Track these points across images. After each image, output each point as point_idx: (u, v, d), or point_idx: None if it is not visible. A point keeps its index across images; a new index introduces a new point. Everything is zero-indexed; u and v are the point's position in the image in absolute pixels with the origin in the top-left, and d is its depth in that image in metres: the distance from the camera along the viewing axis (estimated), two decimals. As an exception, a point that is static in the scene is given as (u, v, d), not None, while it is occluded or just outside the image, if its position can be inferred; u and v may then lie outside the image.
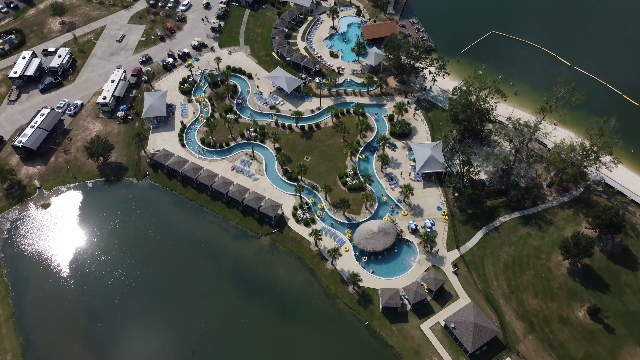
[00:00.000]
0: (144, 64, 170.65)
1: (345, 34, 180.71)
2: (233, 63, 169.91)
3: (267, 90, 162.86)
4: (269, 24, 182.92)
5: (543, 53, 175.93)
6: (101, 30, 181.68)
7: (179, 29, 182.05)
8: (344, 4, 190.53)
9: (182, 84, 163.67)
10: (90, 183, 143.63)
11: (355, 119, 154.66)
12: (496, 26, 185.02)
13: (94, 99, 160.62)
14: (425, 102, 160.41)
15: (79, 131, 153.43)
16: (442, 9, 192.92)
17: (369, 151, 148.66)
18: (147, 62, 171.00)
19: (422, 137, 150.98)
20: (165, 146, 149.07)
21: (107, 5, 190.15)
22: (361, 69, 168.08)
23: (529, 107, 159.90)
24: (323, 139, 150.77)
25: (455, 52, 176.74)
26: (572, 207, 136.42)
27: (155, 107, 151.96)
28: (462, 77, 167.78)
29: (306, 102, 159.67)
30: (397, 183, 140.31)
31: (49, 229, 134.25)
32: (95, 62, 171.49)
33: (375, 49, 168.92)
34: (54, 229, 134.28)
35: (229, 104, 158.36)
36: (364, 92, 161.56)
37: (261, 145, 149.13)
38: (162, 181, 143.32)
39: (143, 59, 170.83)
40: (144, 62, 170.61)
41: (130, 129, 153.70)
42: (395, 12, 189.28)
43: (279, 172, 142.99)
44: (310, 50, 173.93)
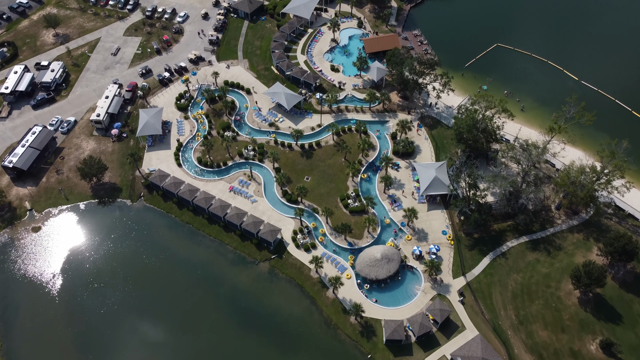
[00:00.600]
0: (144, 76, 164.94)
1: (347, 46, 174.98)
2: (231, 77, 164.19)
3: (266, 106, 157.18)
4: (268, 37, 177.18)
5: (549, 67, 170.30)
6: (96, 43, 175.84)
7: (175, 41, 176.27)
8: (345, 15, 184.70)
9: (179, 99, 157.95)
10: (82, 205, 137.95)
11: (356, 136, 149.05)
12: (501, 38, 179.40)
13: (87, 116, 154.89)
14: (429, 119, 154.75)
15: (72, 150, 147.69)
16: (446, 21, 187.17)
17: (371, 170, 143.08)
18: (147, 75, 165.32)
19: (426, 156, 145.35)
20: (160, 165, 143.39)
21: (102, 17, 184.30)
22: (363, 84, 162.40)
23: (535, 123, 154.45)
24: (324, 158, 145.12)
25: (459, 65, 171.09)
26: (582, 230, 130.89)
27: (151, 124, 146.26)
28: (467, 92, 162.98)
29: (306, 118, 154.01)
30: (400, 205, 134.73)
31: (40, 255, 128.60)
32: (89, 77, 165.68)
33: (378, 63, 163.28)
34: (45, 255, 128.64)
35: (226, 121, 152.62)
36: (366, 109, 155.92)
37: (260, 164, 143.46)
38: (158, 203, 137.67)
39: (143, 71, 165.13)
40: (143, 74, 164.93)
41: (124, 148, 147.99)
42: (397, 23, 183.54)
43: (278, 194, 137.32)
44: (310, 64, 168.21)
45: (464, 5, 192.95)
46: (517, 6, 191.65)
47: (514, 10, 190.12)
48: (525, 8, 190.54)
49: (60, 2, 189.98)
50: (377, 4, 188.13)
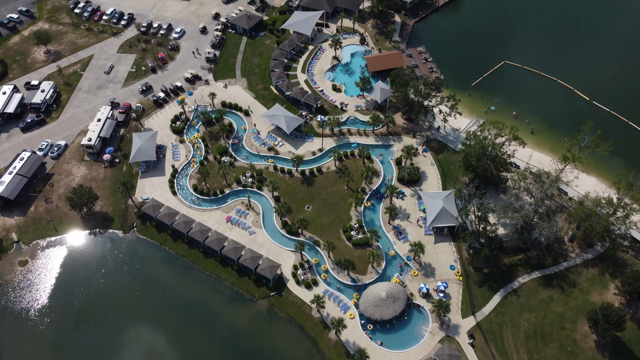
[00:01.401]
0: (144, 93, 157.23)
1: (349, 64, 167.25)
2: (229, 98, 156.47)
3: (265, 129, 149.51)
4: (267, 54, 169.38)
5: (559, 86, 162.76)
6: (89, 60, 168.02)
7: (171, 58, 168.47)
8: (346, 31, 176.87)
9: (174, 122, 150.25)
10: (72, 236, 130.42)
11: (359, 162, 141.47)
12: (509, 56, 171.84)
13: (78, 139, 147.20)
14: (435, 142, 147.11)
15: (62, 176, 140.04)
16: (451, 37, 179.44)
17: (375, 198, 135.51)
18: (147, 91, 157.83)
19: (432, 183, 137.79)
20: (154, 193, 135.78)
21: (96, 32, 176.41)
22: (366, 104, 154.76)
23: (546, 147, 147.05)
24: (325, 185, 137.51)
25: (465, 84, 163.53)
26: (597, 265, 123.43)
27: (144, 150, 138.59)
28: (474, 112, 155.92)
29: (307, 142, 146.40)
30: (406, 238, 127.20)
31: (26, 291, 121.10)
32: (81, 97, 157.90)
33: (381, 83, 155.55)
34: (31, 291, 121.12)
35: (224, 145, 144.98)
36: (369, 132, 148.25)
37: (258, 192, 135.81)
38: (151, 234, 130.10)
39: (143, 87, 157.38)
40: (144, 90, 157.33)
41: (117, 174, 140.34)
42: (401, 40, 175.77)
43: (278, 225, 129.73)
44: (311, 83, 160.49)
45: (469, 20, 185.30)
46: (525, 22, 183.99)
47: (522, 26, 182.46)
48: (534, 24, 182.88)
49: (52, 17, 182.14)
50: (380, 19, 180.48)
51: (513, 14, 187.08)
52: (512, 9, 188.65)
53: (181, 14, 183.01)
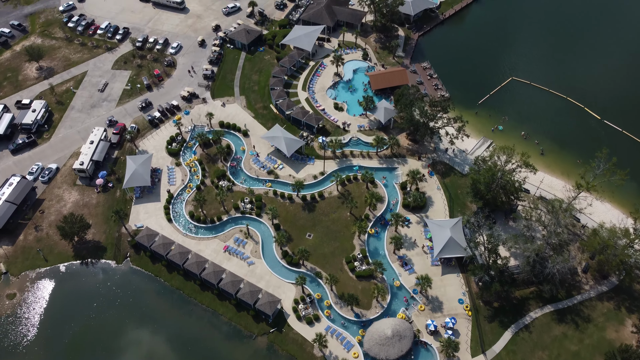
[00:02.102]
0: (144, 109, 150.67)
1: (351, 81, 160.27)
2: (227, 117, 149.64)
3: (264, 150, 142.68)
4: (266, 70, 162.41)
5: (569, 104, 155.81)
6: (82, 77, 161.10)
7: (167, 75, 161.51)
8: (349, 46, 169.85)
9: (170, 143, 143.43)
10: (63, 267, 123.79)
11: (362, 186, 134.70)
12: (516, 71, 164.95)
13: (71, 162, 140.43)
14: (441, 164, 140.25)
15: (53, 202, 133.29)
16: (456, 51, 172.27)
17: (379, 224, 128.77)
18: (147, 108, 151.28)
19: (438, 210, 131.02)
20: (149, 220, 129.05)
21: (90, 47, 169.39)
22: (369, 124, 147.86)
23: (557, 169, 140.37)
24: (327, 211, 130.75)
25: (472, 102, 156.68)
26: (613, 298, 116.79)
27: (139, 175, 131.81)
28: (481, 132, 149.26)
29: (308, 165, 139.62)
30: (412, 269, 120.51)
31: (13, 327, 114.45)
32: (74, 116, 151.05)
33: (385, 102, 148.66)
34: (20, 327, 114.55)
35: (221, 168, 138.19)
36: (373, 153, 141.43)
37: (257, 219, 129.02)
38: (145, 265, 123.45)
39: (142, 104, 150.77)
40: (143, 107, 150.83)
41: (110, 199, 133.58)
42: (405, 54, 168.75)
43: (278, 255, 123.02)
44: (312, 101, 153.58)
45: (475, 33, 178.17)
46: (532, 35, 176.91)
47: (529, 40, 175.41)
48: (541, 38, 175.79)
49: (45, 31, 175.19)
50: (383, 32, 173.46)
51: (519, 26, 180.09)
52: (518, 22, 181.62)
53: (178, 28, 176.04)
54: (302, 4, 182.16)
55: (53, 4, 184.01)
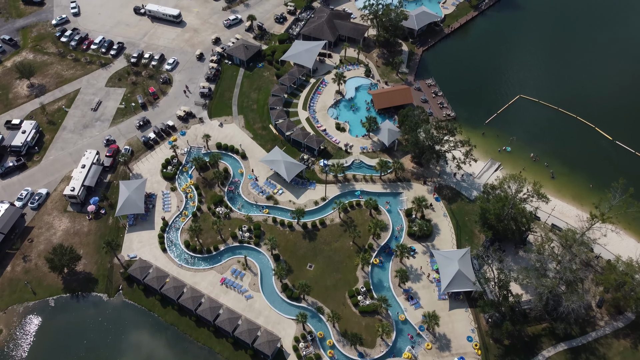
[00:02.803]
0: (141, 128, 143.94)
1: (353, 100, 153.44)
2: (224, 138, 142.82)
3: (263, 174, 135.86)
4: (266, 88, 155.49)
5: (579, 123, 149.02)
6: (75, 95, 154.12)
7: (163, 93, 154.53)
8: (350, 61, 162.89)
9: (165, 166, 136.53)
10: (52, 300, 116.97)
11: (366, 213, 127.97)
12: (523, 89, 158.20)
13: (62, 186, 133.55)
14: (447, 189, 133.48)
15: (42, 230, 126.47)
16: (461, 68, 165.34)
17: (383, 253, 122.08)
18: (145, 127, 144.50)
19: (445, 238, 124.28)
20: (143, 250, 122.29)
21: (83, 63, 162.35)
22: (372, 146, 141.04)
23: (568, 194, 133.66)
24: (329, 240, 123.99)
25: (478, 121, 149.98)
26: (629, 335, 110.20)
27: (132, 202, 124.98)
28: (489, 154, 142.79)
29: (309, 190, 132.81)
30: (418, 304, 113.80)
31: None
32: (65, 137, 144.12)
33: (389, 123, 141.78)
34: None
35: (218, 194, 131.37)
36: (376, 177, 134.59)
37: (256, 249, 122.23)
38: (138, 298, 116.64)
39: (140, 122, 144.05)
40: (141, 125, 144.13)
41: (103, 227, 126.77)
42: (409, 71, 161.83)
43: (278, 288, 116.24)
44: (312, 121, 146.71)
45: (480, 48, 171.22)
46: (540, 52, 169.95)
47: (537, 56, 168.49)
48: (550, 54, 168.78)
49: (38, 45, 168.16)
50: (386, 47, 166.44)
51: (526, 41, 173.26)
52: (525, 36, 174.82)
53: (174, 42, 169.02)
54: (302, 18, 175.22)
55: (46, 17, 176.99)
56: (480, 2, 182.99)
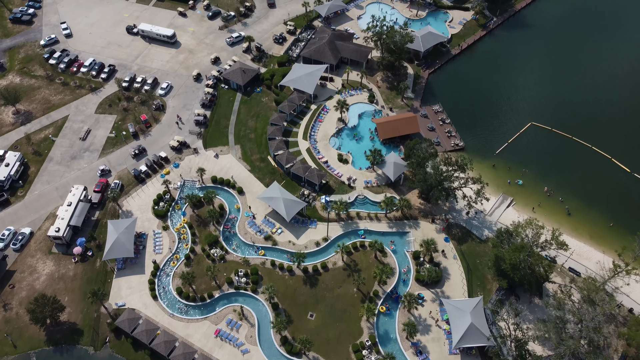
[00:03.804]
0: (137, 157, 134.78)
1: (356, 128, 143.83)
2: (220, 170, 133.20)
3: (261, 211, 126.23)
4: (264, 115, 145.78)
5: (594, 154, 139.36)
6: (63, 123, 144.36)
7: (156, 120, 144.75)
8: (353, 86, 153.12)
9: (157, 202, 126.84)
10: (34, 354, 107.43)
11: (370, 255, 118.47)
12: (535, 116, 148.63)
13: (46, 224, 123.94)
14: (457, 228, 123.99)
15: (25, 274, 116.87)
16: (469, 92, 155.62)
17: (390, 299, 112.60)
18: (140, 155, 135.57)
19: (456, 284, 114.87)
20: (132, 297, 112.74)
21: (72, 88, 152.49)
22: (377, 180, 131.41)
23: (585, 232, 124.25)
24: (331, 286, 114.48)
25: (488, 150, 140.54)
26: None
27: (121, 244, 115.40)
28: (500, 187, 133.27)
29: (310, 229, 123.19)
30: (427, 359, 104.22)
31: None
32: (52, 169, 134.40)
33: (394, 156, 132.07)
34: None
35: (213, 233, 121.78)
36: (381, 215, 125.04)
37: (253, 296, 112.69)
38: (127, 352, 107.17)
39: (135, 151, 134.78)
40: (136, 154, 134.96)
41: (89, 270, 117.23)
42: (414, 96, 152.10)
43: (276, 341, 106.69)
44: (314, 152, 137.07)
45: (489, 70, 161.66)
46: (552, 75, 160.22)
47: (549, 80, 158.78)
48: (562, 78, 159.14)
49: (25, 68, 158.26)
50: (390, 70, 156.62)
51: (536, 63, 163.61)
52: (535, 58, 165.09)
53: (168, 65, 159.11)
54: (302, 38, 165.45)
55: (34, 37, 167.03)
56: (488, 21, 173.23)
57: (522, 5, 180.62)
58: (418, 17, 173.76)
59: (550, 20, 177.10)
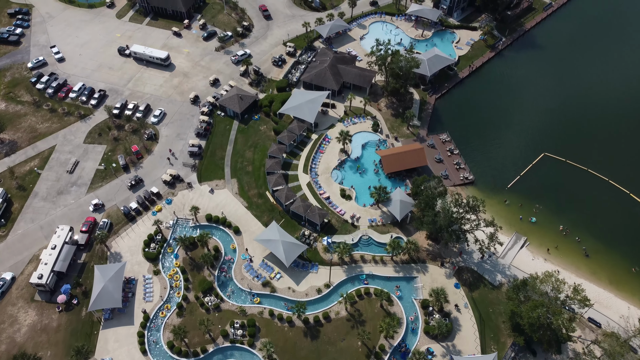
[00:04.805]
0: (133, 188, 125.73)
1: (359, 160, 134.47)
2: (215, 207, 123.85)
3: (258, 253, 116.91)
4: (262, 145, 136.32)
5: (612, 188, 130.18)
6: (49, 153, 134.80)
7: (147, 151, 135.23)
8: (356, 113, 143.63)
9: (148, 244, 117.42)
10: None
11: (375, 303, 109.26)
12: (548, 145, 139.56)
13: (29, 268, 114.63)
14: (468, 272, 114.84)
15: (5, 325, 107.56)
16: (478, 119, 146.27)
17: (398, 353, 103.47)
18: (137, 186, 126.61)
19: (467, 336, 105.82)
20: (119, 351, 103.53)
21: (60, 115, 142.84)
22: (382, 219, 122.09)
23: (603, 276, 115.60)
24: (334, 338, 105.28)
25: (499, 184, 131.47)
26: None
27: (108, 294, 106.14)
28: (513, 226, 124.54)
29: (311, 274, 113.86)
30: None
31: None
32: (36, 206, 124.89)
33: (400, 193, 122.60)
34: None
35: (208, 278, 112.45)
36: (387, 258, 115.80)
37: (250, 350, 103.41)
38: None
39: (132, 182, 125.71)
40: (132, 186, 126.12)
41: (74, 321, 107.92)
42: (420, 123, 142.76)
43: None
44: (314, 187, 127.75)
45: (498, 95, 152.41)
46: (565, 101, 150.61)
47: (561, 106, 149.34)
48: (575, 104, 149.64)
49: (11, 92, 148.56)
50: (395, 96, 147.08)
51: (547, 87, 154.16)
52: (546, 81, 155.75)
53: (162, 89, 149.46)
54: (302, 60, 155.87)
55: (22, 59, 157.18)
56: (497, 42, 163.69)
57: (532, 25, 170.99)
58: (424, 37, 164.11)
59: (561, 39, 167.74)
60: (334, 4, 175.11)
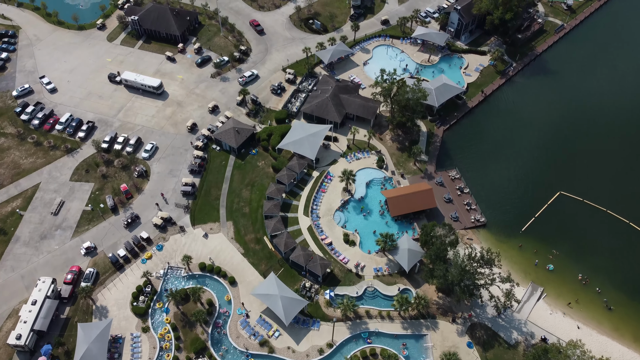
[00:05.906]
0: (129, 226, 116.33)
1: (364, 199, 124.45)
2: (209, 254, 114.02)
3: (256, 308, 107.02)
4: (260, 183, 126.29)
5: (633, 231, 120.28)
6: (33, 193, 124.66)
7: (138, 190, 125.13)
8: (360, 147, 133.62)
9: (136, 297, 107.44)
10: None
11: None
12: (564, 183, 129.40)
13: (8, 324, 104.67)
14: (481, 329, 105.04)
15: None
16: (489, 154, 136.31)
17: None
18: (134, 224, 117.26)
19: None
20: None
21: (46, 148, 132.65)
22: (389, 268, 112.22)
23: (628, 334, 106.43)
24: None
25: (513, 227, 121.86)
26: None
27: (92, 356, 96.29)
28: (528, 274, 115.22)
29: (312, 331, 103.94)
30: None
31: None
32: (17, 253, 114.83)
33: (408, 240, 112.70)
34: None
35: (201, 337, 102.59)
36: (394, 313, 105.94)
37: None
38: None
39: (128, 220, 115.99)
40: (129, 224, 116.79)
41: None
42: (428, 158, 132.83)
43: None
44: (316, 231, 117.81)
45: (511, 126, 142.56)
46: (580, 134, 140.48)
47: (578, 140, 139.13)
48: (592, 138, 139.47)
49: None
50: (401, 128, 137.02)
51: (561, 117, 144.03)
52: (559, 112, 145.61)
53: (154, 120, 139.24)
54: (303, 88, 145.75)
55: (6, 87, 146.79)
56: (508, 67, 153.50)
57: (544, 48, 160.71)
58: (430, 62, 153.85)
59: (574, 64, 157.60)
60: (336, 25, 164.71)
